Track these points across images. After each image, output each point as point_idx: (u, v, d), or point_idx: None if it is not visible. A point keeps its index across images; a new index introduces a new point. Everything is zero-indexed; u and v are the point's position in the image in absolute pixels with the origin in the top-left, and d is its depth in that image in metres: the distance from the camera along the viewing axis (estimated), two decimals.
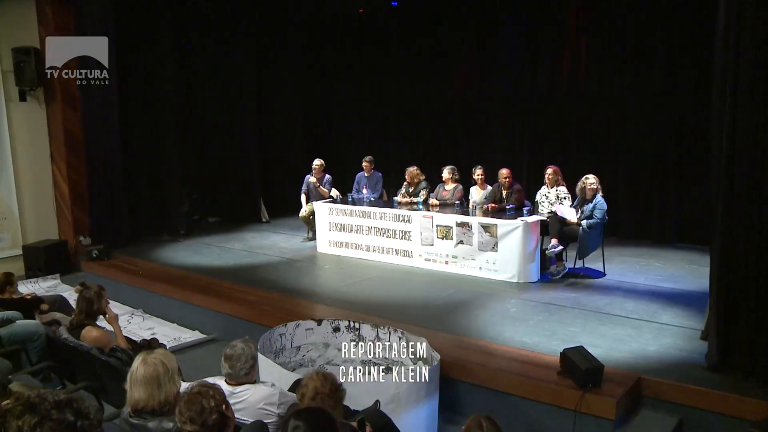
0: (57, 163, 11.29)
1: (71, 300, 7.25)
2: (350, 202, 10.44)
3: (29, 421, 1.42)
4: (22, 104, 10.91)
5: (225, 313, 7.93)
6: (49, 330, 6.05)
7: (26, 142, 11.07)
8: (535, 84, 11.50)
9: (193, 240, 11.88)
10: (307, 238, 11.26)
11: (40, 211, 11.33)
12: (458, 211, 9.14)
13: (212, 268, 9.80)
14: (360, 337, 6.24)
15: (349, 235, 10.10)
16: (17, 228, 11.09)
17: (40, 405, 1.46)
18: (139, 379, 3.43)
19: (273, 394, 4.05)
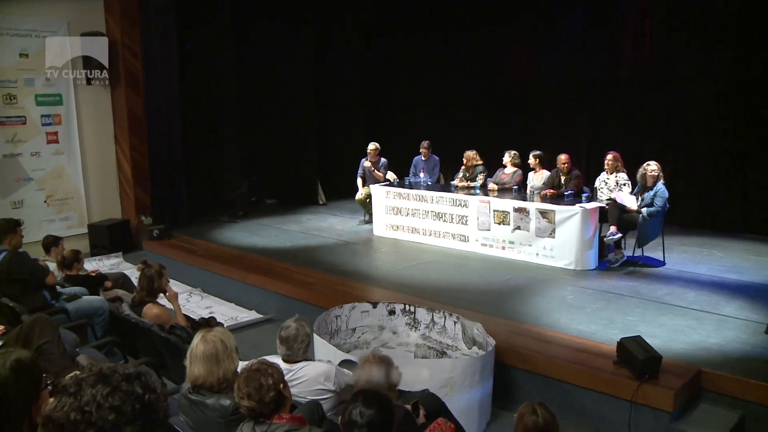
0: (120, 145, 11.60)
1: (133, 278, 7.46)
2: (407, 185, 10.44)
3: (102, 390, 1.48)
4: (88, 87, 11.23)
5: (282, 294, 8.04)
6: (112, 306, 6.24)
7: (92, 124, 11.39)
8: (596, 67, 11.23)
9: (251, 221, 12.06)
10: (363, 221, 11.32)
11: (104, 191, 11.67)
12: (516, 196, 9.06)
13: (269, 249, 9.94)
14: (415, 320, 6.27)
15: (406, 218, 10.12)
16: (83, 207, 11.44)
17: (112, 376, 1.52)
18: (198, 357, 3.51)
19: (329, 370, 4.11)
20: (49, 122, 10.94)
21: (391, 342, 6.30)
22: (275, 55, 13.29)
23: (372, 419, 2.79)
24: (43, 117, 10.86)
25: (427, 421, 3.78)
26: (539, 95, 12.13)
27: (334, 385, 4.06)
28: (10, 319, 5.37)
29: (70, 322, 5.75)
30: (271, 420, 3.08)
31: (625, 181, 8.68)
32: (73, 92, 11.09)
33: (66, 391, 1.50)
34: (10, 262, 5.97)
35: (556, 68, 11.73)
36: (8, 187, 10.54)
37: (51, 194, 11.08)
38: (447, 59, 13.24)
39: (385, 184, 10.68)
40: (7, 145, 10.48)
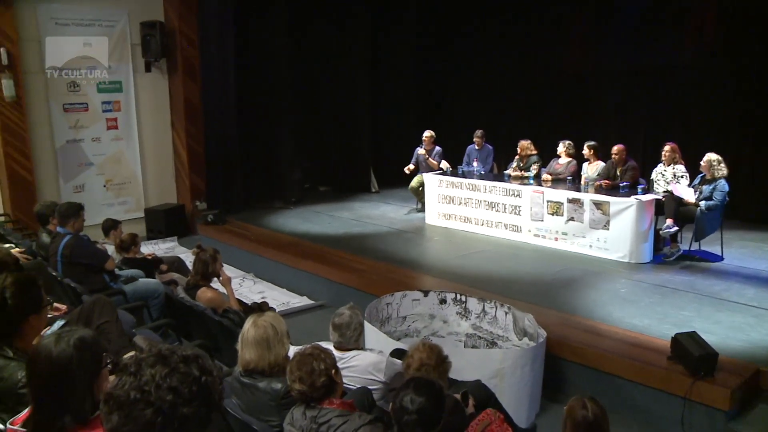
0: (177, 131, 11.82)
1: (188, 261, 7.61)
2: (460, 174, 10.41)
3: (160, 371, 1.53)
4: (147, 75, 11.50)
5: (333, 281, 8.11)
6: (167, 289, 6.37)
7: (150, 111, 11.64)
8: (655, 56, 10.93)
9: (304, 208, 12.16)
10: (416, 210, 11.33)
11: (160, 176, 11.93)
12: (570, 186, 8.95)
13: (322, 235, 10.02)
14: (466, 310, 6.26)
15: (458, 207, 10.09)
16: (140, 192, 11.72)
17: (170, 357, 1.57)
18: (249, 341, 3.57)
19: (380, 360, 4.14)
20: (110, 109, 11.21)
21: (442, 331, 6.31)
22: (331, 42, 13.32)
23: (422, 407, 2.81)
24: (104, 104, 11.13)
25: (476, 411, 3.78)
26: (595, 84, 11.92)
27: (384, 376, 4.08)
28: (71, 299, 5.53)
29: (128, 304, 5.89)
30: (322, 405, 3.13)
31: (683, 173, 8.50)
32: (132, 80, 11.35)
33: (126, 370, 1.55)
34: (73, 246, 6.15)
35: (613, 56, 11.49)
36: (71, 172, 10.86)
37: (110, 179, 11.36)
38: (502, 48, 13.11)
39: (439, 172, 10.66)
40: (70, 131, 10.78)
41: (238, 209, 11.85)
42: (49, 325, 3.30)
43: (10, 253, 3.97)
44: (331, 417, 3.08)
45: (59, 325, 3.27)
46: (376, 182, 13.56)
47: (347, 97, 13.45)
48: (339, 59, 13.35)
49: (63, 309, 4.60)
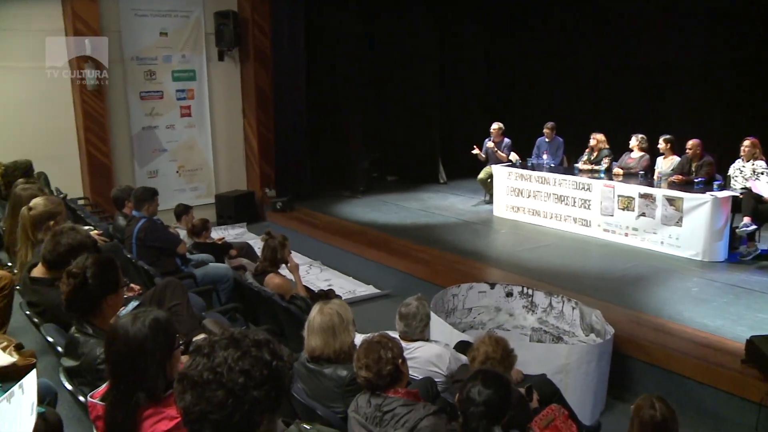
0: (248, 119, 12.03)
1: (256, 248, 7.73)
2: (530, 167, 10.30)
3: (233, 354, 1.57)
4: (220, 63, 11.74)
5: (400, 270, 8.14)
6: (236, 274, 6.49)
7: (222, 99, 11.88)
8: (734, 47, 10.55)
9: (372, 197, 12.23)
10: (484, 201, 11.26)
11: (231, 163, 12.17)
12: (642, 181, 8.76)
13: (389, 225, 10.06)
14: (533, 303, 6.21)
15: (527, 200, 9.99)
16: (211, 178, 11.98)
17: (243, 341, 1.61)
18: (315, 328, 3.61)
19: (445, 353, 4.14)
20: (183, 97, 11.48)
21: (507, 324, 6.27)
22: (401, 33, 13.32)
23: (489, 399, 2.81)
24: (178, 92, 11.41)
25: (540, 406, 3.76)
26: (670, 76, 11.56)
27: (446, 369, 4.08)
28: (144, 281, 5.69)
29: (197, 287, 6.01)
30: (387, 393, 3.15)
31: (763, 170, 8.18)
32: (205, 68, 11.60)
33: (200, 351, 1.60)
34: (147, 230, 6.32)
35: (688, 48, 11.13)
36: (145, 158, 11.18)
37: (183, 165, 11.65)
38: (574, 38, 12.85)
39: (508, 164, 10.57)
40: (146, 118, 11.10)
41: (306, 197, 12.00)
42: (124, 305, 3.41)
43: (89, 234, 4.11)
44: (396, 406, 3.10)
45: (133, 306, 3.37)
46: (444, 173, 13.52)
47: (416, 87, 13.43)
48: (408, 49, 13.33)
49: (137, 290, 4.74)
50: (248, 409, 1.55)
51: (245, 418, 1.55)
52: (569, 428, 3.72)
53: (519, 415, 3.30)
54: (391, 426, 3.09)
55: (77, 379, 2.95)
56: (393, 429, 3.08)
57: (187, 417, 1.58)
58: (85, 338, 2.96)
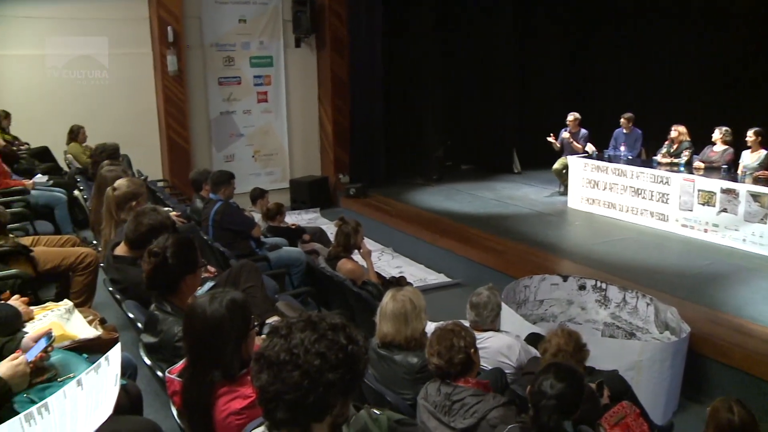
0: (324, 106, 12.14)
1: (329, 233, 7.81)
2: (606, 158, 10.09)
3: (310, 336, 1.60)
4: (296, 50, 11.90)
5: (471, 260, 8.10)
6: (309, 258, 6.57)
7: (298, 85, 12.03)
8: None
9: (445, 185, 12.18)
10: (558, 192, 11.09)
11: (306, 148, 12.32)
12: (725, 176, 8.46)
13: (462, 214, 10.01)
14: (606, 298, 6.11)
15: (603, 192, 9.78)
16: (286, 163, 12.16)
17: (320, 324, 1.63)
18: (387, 314, 3.63)
19: (515, 344, 4.11)
20: (261, 83, 11.68)
21: (579, 318, 6.19)
22: (479, 21, 13.18)
23: (562, 392, 2.78)
24: (255, 78, 11.62)
25: (611, 402, 3.70)
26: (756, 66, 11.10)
27: (516, 361, 4.06)
28: (220, 263, 5.82)
29: (271, 270, 6.10)
30: (457, 382, 3.15)
31: None
32: (282, 55, 11.76)
33: (278, 332, 1.63)
34: (224, 213, 6.46)
35: None
36: (223, 142, 11.44)
37: (258, 150, 11.86)
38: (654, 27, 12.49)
39: (584, 156, 10.38)
40: (224, 103, 11.34)
41: (380, 184, 12.05)
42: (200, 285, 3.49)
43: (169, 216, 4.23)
44: (466, 395, 3.10)
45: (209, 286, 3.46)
46: (518, 163, 13.35)
47: (493, 77, 13.29)
48: (485, 38, 13.19)
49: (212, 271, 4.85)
50: (323, 391, 1.57)
51: (319, 400, 1.58)
52: (640, 427, 3.66)
53: (589, 411, 3.26)
54: (460, 415, 3.09)
55: (155, 354, 3.05)
56: (462, 418, 3.08)
57: (262, 396, 1.61)
58: (164, 316, 3.05)
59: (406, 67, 12.62)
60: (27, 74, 9.78)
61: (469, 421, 3.06)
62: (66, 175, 8.25)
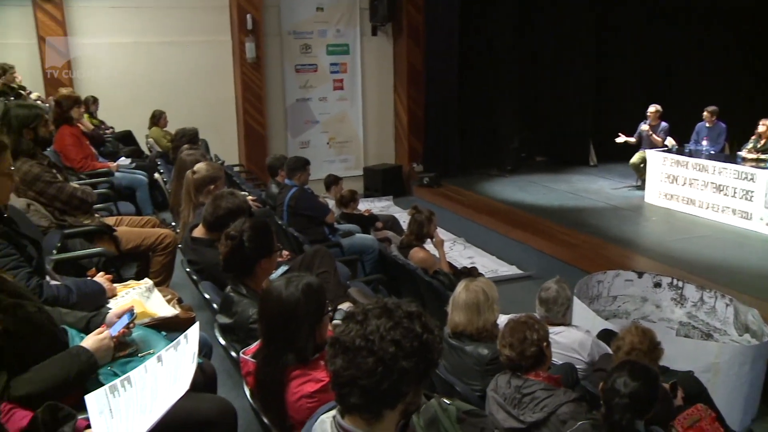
0: (399, 94, 12.17)
1: (402, 221, 7.83)
2: (687, 153, 9.81)
3: (385, 323, 1.61)
4: (373, 38, 11.97)
5: (544, 252, 8.02)
6: (381, 246, 6.59)
7: (374, 73, 12.10)
8: None
9: (519, 177, 12.07)
10: (635, 187, 10.84)
11: (380, 137, 12.39)
12: None
13: (535, 206, 9.93)
14: (682, 297, 5.95)
15: (682, 188, 9.51)
16: (360, 151, 12.26)
17: (395, 311, 1.64)
18: (460, 304, 3.63)
19: (586, 340, 4.05)
20: (337, 70, 11.79)
21: (653, 316, 6.05)
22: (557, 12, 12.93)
23: (636, 391, 2.72)
24: (332, 66, 11.73)
25: (684, 404, 3.60)
26: None
27: (588, 356, 3.99)
28: (293, 248, 5.90)
29: (343, 257, 6.15)
30: (528, 375, 3.13)
31: None
32: (359, 43, 11.84)
33: (354, 318, 1.64)
34: (298, 198, 6.54)
35: None
36: (298, 129, 11.61)
37: (333, 137, 11.99)
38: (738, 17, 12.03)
39: (663, 149, 10.11)
40: (300, 90, 11.51)
41: (453, 173, 12.04)
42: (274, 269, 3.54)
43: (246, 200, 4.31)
44: (536, 389, 3.07)
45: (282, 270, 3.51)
46: (595, 155, 13.10)
47: (571, 67, 13.06)
48: (564, 28, 12.96)
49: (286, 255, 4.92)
50: (396, 378, 1.58)
51: (393, 387, 1.58)
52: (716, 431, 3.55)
53: (662, 412, 3.18)
54: (530, 409, 3.07)
55: (230, 335, 3.12)
56: (531, 412, 3.07)
57: (336, 380, 1.63)
58: (239, 298, 3.11)
59: (482, 57, 12.53)
60: (113, 62, 10.15)
61: (538, 415, 3.04)
62: (147, 158, 8.48)
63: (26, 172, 4.17)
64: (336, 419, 1.71)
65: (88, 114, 8.44)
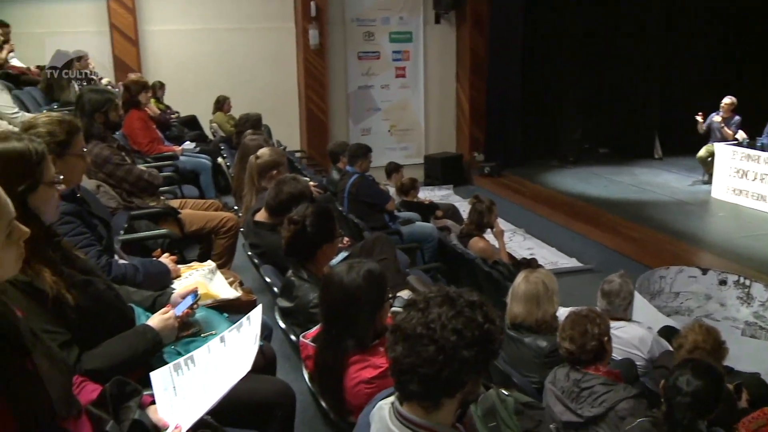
0: (461, 83, 12.12)
1: (461, 210, 7.80)
2: (758, 147, 9.51)
3: (447, 312, 1.60)
4: (436, 26, 11.93)
5: (605, 246, 7.93)
6: (441, 234, 6.59)
7: (436, 61, 12.06)
8: None
9: (581, 168, 11.93)
10: (701, 181, 10.57)
11: (442, 125, 12.36)
12: None
13: (597, 198, 9.82)
14: (749, 296, 5.80)
15: (752, 183, 9.23)
16: (421, 139, 12.24)
17: (457, 300, 1.64)
18: (519, 295, 3.61)
19: (647, 336, 3.97)
20: (399, 58, 11.79)
21: (717, 314, 5.91)
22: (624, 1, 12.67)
23: (698, 390, 2.66)
24: (394, 53, 11.74)
25: (749, 407, 3.51)
26: None
27: (648, 353, 3.92)
28: (353, 234, 5.94)
29: (403, 244, 6.16)
30: (587, 370, 3.09)
31: None
32: (422, 31, 11.80)
33: (416, 306, 1.64)
34: (359, 185, 6.58)
35: None
36: (360, 116, 11.66)
37: (395, 125, 12.00)
38: None
39: (733, 143, 9.82)
40: (362, 77, 11.55)
41: (514, 164, 11.96)
42: None
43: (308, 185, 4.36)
44: (595, 384, 3.04)
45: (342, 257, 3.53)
46: (660, 148, 12.80)
47: (637, 58, 12.77)
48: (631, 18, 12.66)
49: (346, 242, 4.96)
50: (457, 367, 1.57)
51: (452, 376, 1.58)
52: None
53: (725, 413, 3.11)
54: (588, 403, 3.04)
55: (290, 319, 3.16)
56: (589, 406, 3.03)
57: (396, 367, 1.64)
58: (300, 282, 3.15)
59: (546, 46, 12.36)
60: (180, 48, 10.36)
61: (597, 410, 3.00)
62: (211, 142, 8.62)
63: (97, 155, 4.28)
64: (394, 406, 1.71)
65: (154, 99, 8.62)
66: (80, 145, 2.85)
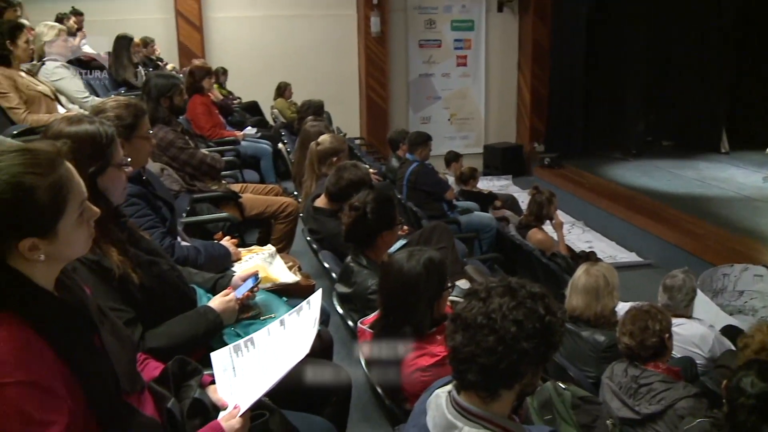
0: (523, 72, 12.00)
1: (520, 201, 7.75)
2: None
3: (508, 302, 1.60)
4: (498, 15, 11.84)
5: (666, 241, 7.77)
6: (499, 225, 6.56)
7: (498, 50, 11.98)
8: None
9: (644, 161, 11.71)
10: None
11: (502, 115, 12.27)
12: None
13: (660, 192, 9.63)
14: None
15: None
16: (481, 129, 12.18)
17: (519, 291, 1.63)
18: (579, 288, 3.58)
19: (709, 334, 3.90)
20: (460, 46, 11.74)
21: None
22: None
23: (764, 392, 2.57)
24: (455, 41, 11.70)
25: None
26: None
27: (709, 352, 3.84)
28: (412, 222, 5.95)
29: (461, 234, 6.16)
30: (646, 366, 3.05)
31: None
32: (484, 19, 11.73)
33: (477, 295, 1.64)
34: (419, 173, 6.59)
35: None
36: (420, 104, 11.65)
37: (454, 113, 11.97)
38: None
39: None
40: (423, 65, 11.55)
41: (575, 155, 11.80)
42: None
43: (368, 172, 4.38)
44: (654, 380, 2.99)
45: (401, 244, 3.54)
46: (727, 142, 12.44)
47: (705, 49, 12.40)
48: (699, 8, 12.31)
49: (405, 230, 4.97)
50: (516, 359, 1.57)
51: (511, 367, 1.58)
52: None
53: None
54: (646, 400, 3.00)
55: (348, 305, 3.19)
56: (647, 403, 2.99)
57: (454, 356, 1.64)
58: (358, 268, 3.17)
59: (611, 36, 12.11)
60: (243, 34, 10.51)
61: (655, 407, 2.96)
62: (272, 128, 8.71)
63: (162, 138, 4.36)
64: (452, 395, 1.71)
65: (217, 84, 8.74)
66: (146, 128, 2.91)
